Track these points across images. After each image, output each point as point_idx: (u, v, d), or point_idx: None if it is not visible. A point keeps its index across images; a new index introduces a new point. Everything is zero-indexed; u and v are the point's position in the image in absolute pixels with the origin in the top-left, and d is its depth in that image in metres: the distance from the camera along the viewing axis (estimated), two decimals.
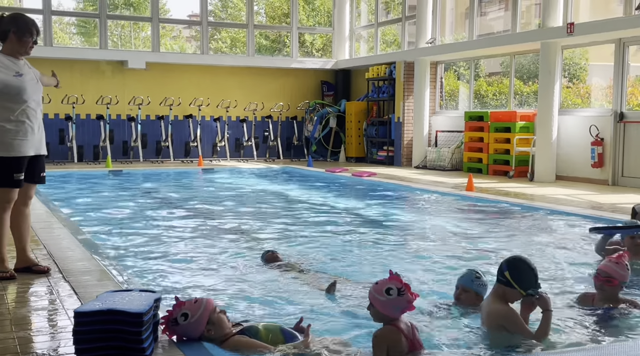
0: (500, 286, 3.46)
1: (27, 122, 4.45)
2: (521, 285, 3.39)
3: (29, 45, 4.48)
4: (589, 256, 5.87)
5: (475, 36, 14.01)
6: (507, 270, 3.42)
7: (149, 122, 16.15)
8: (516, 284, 3.39)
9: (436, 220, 8.12)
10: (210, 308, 3.20)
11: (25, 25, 4.45)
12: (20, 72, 4.45)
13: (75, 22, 27.98)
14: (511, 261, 3.48)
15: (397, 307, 3.07)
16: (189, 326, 3.15)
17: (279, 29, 23.13)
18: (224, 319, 3.23)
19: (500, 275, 3.45)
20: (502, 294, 3.46)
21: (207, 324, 3.17)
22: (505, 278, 3.42)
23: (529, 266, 3.45)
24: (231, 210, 8.75)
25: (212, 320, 3.17)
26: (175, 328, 3.17)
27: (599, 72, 13.09)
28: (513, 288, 3.40)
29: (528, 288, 3.39)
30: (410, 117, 15.28)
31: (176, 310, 3.17)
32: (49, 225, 6.66)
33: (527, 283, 3.40)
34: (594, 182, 11.33)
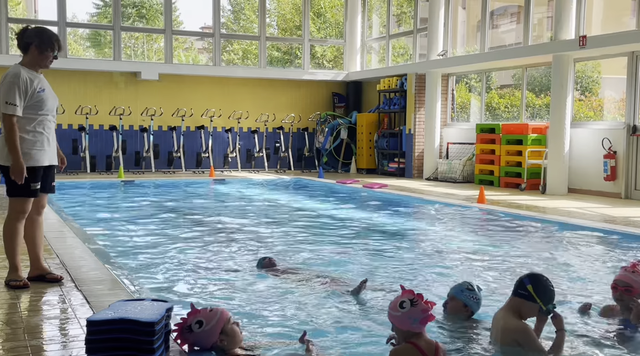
0: (517, 299, 3.45)
1: (44, 133, 4.55)
2: (543, 299, 3.40)
3: (50, 59, 4.55)
4: (601, 269, 5.84)
5: (486, 48, 14.01)
6: (530, 284, 3.42)
7: (161, 132, 16.25)
8: (538, 298, 3.40)
9: (447, 232, 8.10)
10: (225, 318, 3.20)
11: (49, 40, 4.51)
12: (43, 87, 4.54)
13: (89, 33, 28.27)
14: (533, 275, 3.50)
15: (414, 319, 3.01)
16: (203, 334, 3.15)
17: (291, 41, 23.26)
18: (237, 331, 3.23)
19: (521, 288, 3.45)
20: (518, 308, 3.44)
21: (221, 334, 3.17)
22: (528, 291, 3.41)
23: (550, 283, 3.49)
24: (242, 220, 8.77)
25: (226, 331, 3.18)
26: (188, 336, 3.18)
27: (612, 85, 13.03)
28: (534, 302, 3.40)
29: (549, 303, 3.41)
30: (422, 129, 15.27)
31: (191, 318, 3.18)
32: (61, 234, 6.70)
33: (549, 298, 3.42)
34: (606, 195, 11.26)
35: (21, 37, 4.50)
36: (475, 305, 4.08)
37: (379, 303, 4.54)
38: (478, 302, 4.08)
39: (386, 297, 4.66)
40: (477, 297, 4.08)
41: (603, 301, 4.70)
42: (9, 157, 4.34)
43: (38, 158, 4.48)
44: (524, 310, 3.43)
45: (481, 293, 4.15)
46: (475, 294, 4.09)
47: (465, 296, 4.07)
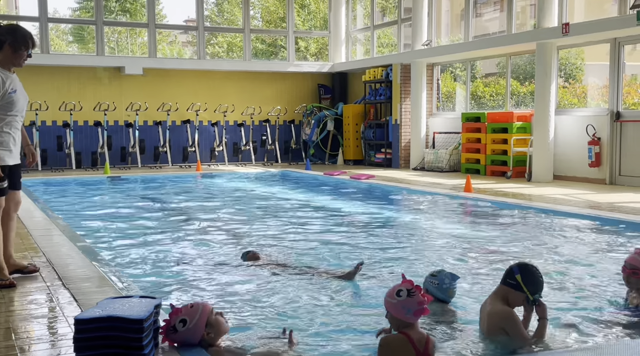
0: (505, 287, 3.49)
1: (11, 133, 4.49)
2: (530, 289, 3.43)
3: (24, 58, 4.47)
4: (585, 254, 5.90)
5: (471, 37, 14.04)
6: (519, 274, 3.45)
7: (146, 127, 16.16)
8: (526, 288, 3.42)
9: (435, 222, 8.14)
10: (207, 311, 3.20)
11: (23, 38, 4.44)
12: (14, 88, 4.48)
13: (71, 29, 27.99)
14: (523, 266, 3.52)
15: (408, 309, 3.01)
16: (188, 332, 3.15)
17: (276, 33, 23.17)
18: (221, 321, 3.23)
19: (510, 278, 3.47)
20: (505, 296, 3.48)
21: (206, 327, 3.17)
22: (516, 281, 3.44)
23: (539, 273, 3.51)
24: (230, 214, 8.76)
25: (211, 323, 3.18)
26: (174, 336, 3.17)
27: (595, 72, 13.13)
28: (521, 291, 3.43)
29: (536, 293, 3.43)
30: (408, 119, 15.30)
31: (173, 318, 3.17)
32: (48, 232, 6.66)
33: (536, 288, 3.45)
34: (591, 181, 11.36)
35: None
36: (436, 291, 3.97)
37: (367, 293, 4.56)
38: (438, 288, 3.96)
39: (372, 286, 4.69)
40: (437, 282, 3.98)
41: (586, 285, 4.76)
42: None
43: (5, 158, 4.44)
44: (511, 299, 3.46)
45: (455, 282, 4.03)
46: (436, 279, 3.99)
47: (427, 282, 4.02)
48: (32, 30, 19.10)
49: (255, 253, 5.60)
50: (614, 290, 4.66)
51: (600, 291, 4.62)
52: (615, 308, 4.10)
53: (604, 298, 4.44)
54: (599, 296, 4.48)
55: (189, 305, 3.25)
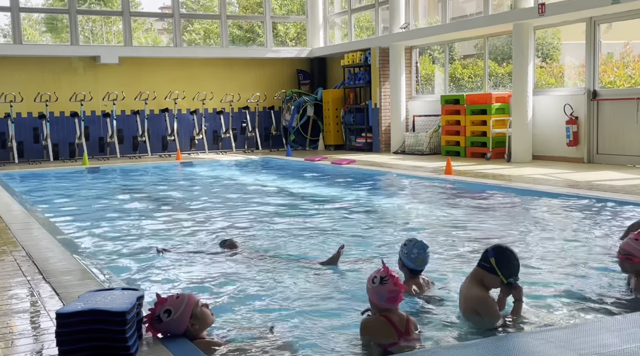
0: (481, 271, 3.50)
1: None
2: (504, 273, 3.43)
3: None
4: (566, 234, 5.97)
5: (448, 19, 14.04)
6: (493, 257, 3.45)
7: (124, 117, 15.99)
8: (500, 271, 3.43)
9: (416, 205, 8.18)
10: (193, 302, 3.19)
11: None
12: None
13: (44, 18, 27.51)
14: (498, 249, 3.52)
15: (381, 296, 3.12)
16: (173, 322, 3.14)
17: (253, 18, 22.98)
18: (207, 313, 3.23)
19: (485, 260, 3.48)
20: (481, 279, 3.50)
21: (191, 318, 3.16)
22: (490, 264, 3.45)
23: (514, 256, 3.50)
24: (211, 202, 8.72)
25: (196, 314, 3.17)
26: (159, 326, 3.16)
27: (572, 51, 13.20)
28: (495, 275, 3.44)
29: (510, 276, 3.43)
30: (387, 103, 15.31)
31: (158, 308, 3.15)
32: (27, 225, 6.58)
33: (510, 271, 3.44)
34: (569, 160, 11.48)
35: None
36: (406, 260, 3.96)
37: (349, 277, 4.57)
38: (407, 257, 3.96)
39: (353, 271, 4.70)
40: (406, 252, 3.97)
41: (563, 265, 4.82)
42: None
43: None
44: (486, 281, 3.48)
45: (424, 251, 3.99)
46: (406, 248, 3.98)
47: (400, 251, 4.02)
48: (3, 21, 18.71)
49: (233, 242, 5.59)
50: (595, 268, 4.72)
51: (581, 271, 4.68)
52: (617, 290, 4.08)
53: (585, 277, 4.49)
54: (579, 276, 4.54)
55: (175, 295, 3.23)
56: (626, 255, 3.98)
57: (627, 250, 3.98)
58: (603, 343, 2.82)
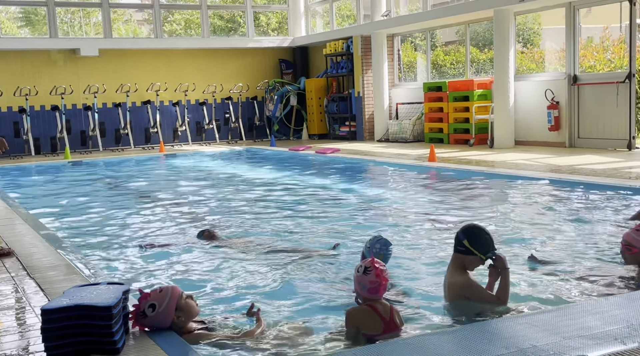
0: (459, 256, 3.55)
1: None
2: (480, 250, 3.48)
3: None
4: (548, 218, 6.03)
5: (429, 6, 14.04)
6: (465, 239, 3.50)
7: (106, 110, 15.86)
8: (476, 250, 3.48)
9: (401, 193, 8.21)
10: (177, 294, 3.18)
11: None
12: None
13: (21, 11, 27.10)
14: (467, 229, 3.57)
15: (363, 286, 3.15)
16: (158, 316, 3.13)
17: (234, 8, 22.80)
18: (192, 304, 3.22)
19: (459, 244, 3.54)
20: (462, 263, 3.54)
21: (176, 311, 3.16)
22: (465, 246, 3.50)
23: (484, 231, 3.57)
24: (195, 194, 8.69)
25: (180, 306, 3.17)
26: (144, 321, 3.16)
27: (552, 36, 13.28)
28: (473, 255, 3.49)
29: (487, 252, 3.49)
30: (370, 91, 15.31)
31: (142, 303, 3.15)
32: (10, 221, 6.53)
33: (486, 247, 3.50)
34: (551, 145, 11.57)
35: None
36: (367, 253, 3.99)
37: (334, 266, 4.59)
38: (368, 251, 3.99)
39: (339, 260, 4.73)
40: (369, 246, 4.03)
41: (546, 249, 4.88)
42: None
43: None
44: (467, 264, 3.54)
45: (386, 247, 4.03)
46: (369, 243, 4.04)
47: (364, 247, 4.09)
48: None
49: (211, 232, 5.59)
50: (577, 251, 4.79)
51: (564, 254, 4.74)
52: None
53: (568, 261, 4.55)
54: (562, 260, 4.59)
55: (158, 289, 3.23)
56: (627, 245, 4.02)
57: (628, 241, 4.02)
58: (586, 325, 2.87)
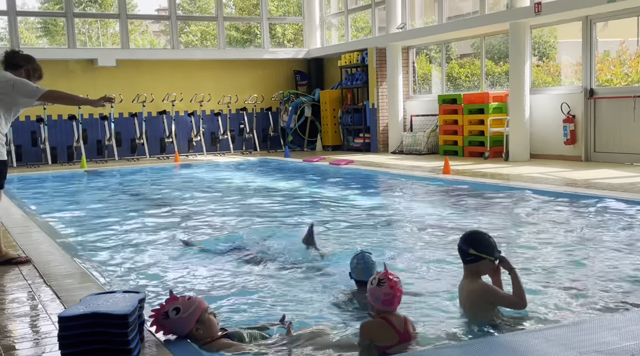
0: (471, 266, 3.56)
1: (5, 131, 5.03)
2: (488, 252, 3.52)
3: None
4: (565, 232, 5.99)
5: (444, 19, 14.07)
6: (470, 248, 3.52)
7: (122, 120, 15.99)
8: (485, 254, 3.51)
9: (414, 205, 8.19)
10: (203, 307, 3.21)
11: (39, 67, 5.22)
12: None
13: (40, 21, 27.50)
14: (468, 238, 3.59)
15: (377, 297, 3.14)
16: (179, 321, 3.15)
17: (249, 20, 22.99)
18: (213, 321, 3.23)
19: (466, 256, 3.55)
20: (475, 273, 3.56)
21: (197, 323, 3.17)
22: (473, 254, 3.52)
23: (483, 234, 3.62)
24: (210, 204, 8.72)
25: (203, 320, 3.18)
26: (165, 323, 3.17)
27: (568, 50, 13.23)
28: (483, 259, 3.51)
29: (494, 252, 3.53)
30: (385, 103, 15.33)
31: (169, 304, 3.17)
32: (26, 229, 6.59)
33: (492, 247, 3.53)
34: (567, 158, 11.50)
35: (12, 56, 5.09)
36: (349, 268, 3.99)
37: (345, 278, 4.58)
38: (349, 265, 3.99)
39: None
40: (350, 262, 4.01)
41: (562, 264, 4.84)
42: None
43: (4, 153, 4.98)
44: (481, 271, 3.56)
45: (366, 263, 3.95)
46: (351, 259, 4.02)
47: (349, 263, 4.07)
48: (0, 24, 18.72)
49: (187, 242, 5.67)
50: (594, 266, 4.75)
51: (580, 269, 4.70)
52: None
53: (584, 275, 4.51)
54: (578, 274, 4.56)
55: (187, 296, 3.26)
56: None
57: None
58: (602, 341, 2.84)
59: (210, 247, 5.79)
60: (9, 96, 4.87)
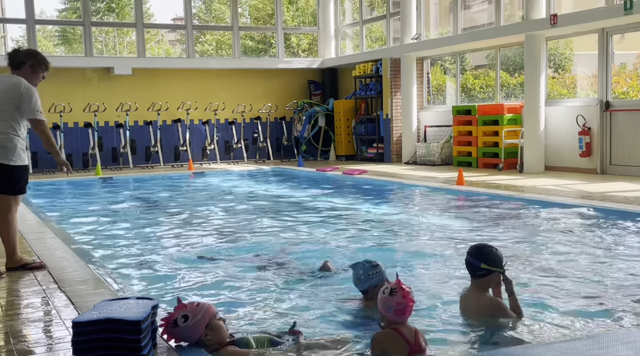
0: (481, 280, 3.58)
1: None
2: (497, 265, 3.56)
3: (40, 78, 5.09)
4: (580, 246, 5.94)
5: (459, 30, 14.06)
6: (481, 262, 3.54)
7: (137, 127, 16.11)
8: (495, 267, 3.54)
9: (428, 216, 8.16)
10: (211, 313, 3.21)
11: (42, 59, 5.08)
12: None
13: (58, 30, 27.82)
14: (477, 253, 3.60)
15: (388, 307, 3.12)
16: (188, 328, 3.16)
17: (265, 29, 23.13)
18: (222, 326, 3.24)
19: (477, 270, 3.57)
20: (485, 285, 3.60)
21: (206, 329, 3.18)
22: (484, 269, 3.54)
23: (490, 246, 3.64)
24: (223, 213, 8.75)
25: (211, 326, 3.18)
26: (174, 331, 3.18)
27: (584, 62, 13.18)
28: (493, 273, 3.55)
29: (502, 264, 3.57)
30: (399, 113, 15.32)
31: (177, 312, 3.19)
32: (41, 235, 6.65)
33: (500, 259, 3.57)
34: (582, 171, 11.42)
35: (15, 55, 5.02)
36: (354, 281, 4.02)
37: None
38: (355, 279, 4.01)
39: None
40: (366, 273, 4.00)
41: (577, 277, 4.80)
42: (17, 158, 4.95)
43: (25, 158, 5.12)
44: (491, 284, 3.60)
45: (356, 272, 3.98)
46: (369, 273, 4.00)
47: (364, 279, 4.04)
48: (19, 32, 18.95)
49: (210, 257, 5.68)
50: (609, 279, 4.70)
51: (595, 283, 4.66)
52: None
53: (600, 289, 4.47)
54: (593, 288, 4.51)
55: (195, 303, 3.26)
56: None
57: None
58: (618, 355, 2.81)
59: (223, 256, 5.81)
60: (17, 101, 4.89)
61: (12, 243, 5.00)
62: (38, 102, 4.97)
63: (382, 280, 3.86)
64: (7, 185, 4.93)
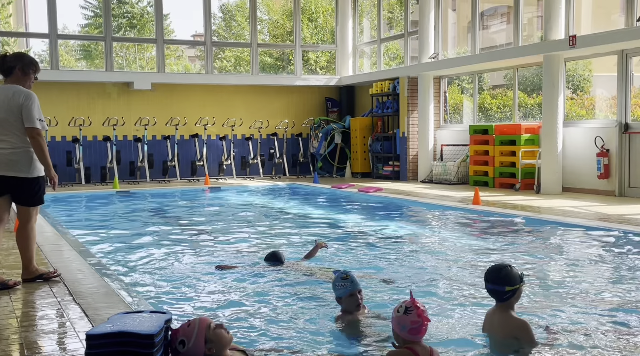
0: (507, 302, 3.58)
1: None
2: (517, 282, 3.56)
3: (32, 79, 5.04)
4: (598, 268, 5.86)
5: (477, 50, 14.07)
6: (505, 286, 3.53)
7: (155, 142, 16.25)
8: (516, 286, 3.54)
9: (444, 235, 8.12)
10: (204, 326, 3.14)
11: (30, 60, 5.05)
12: None
13: (80, 45, 28.22)
14: (499, 277, 3.57)
15: (403, 326, 3.09)
16: (189, 352, 3.11)
17: (283, 47, 23.31)
18: (222, 333, 3.18)
19: (503, 295, 3.56)
20: (511, 306, 3.60)
21: (206, 343, 3.14)
22: (510, 291, 3.54)
23: (507, 266, 3.62)
24: (238, 228, 8.77)
25: (210, 338, 3.13)
26: None
27: (603, 83, 13.10)
28: (517, 290, 3.56)
29: (522, 277, 3.59)
30: (415, 132, 15.32)
31: (174, 340, 3.14)
32: (58, 247, 6.70)
33: (517, 276, 3.57)
34: (600, 193, 11.31)
35: (3, 62, 5.00)
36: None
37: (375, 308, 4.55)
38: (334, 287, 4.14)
39: (376, 303, 4.68)
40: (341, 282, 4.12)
41: (599, 300, 4.73)
42: (34, 169, 4.92)
43: (42, 169, 5.06)
44: (515, 303, 3.61)
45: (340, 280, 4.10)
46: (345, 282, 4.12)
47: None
48: (42, 47, 19.25)
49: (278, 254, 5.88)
50: (627, 304, 4.64)
51: (615, 309, 4.59)
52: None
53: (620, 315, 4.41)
54: (613, 313, 4.45)
55: (186, 323, 3.19)
56: None
57: None
58: None
59: (238, 269, 5.81)
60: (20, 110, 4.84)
61: (29, 254, 5.05)
62: (38, 110, 4.89)
63: (348, 293, 4.06)
64: (27, 197, 4.99)
